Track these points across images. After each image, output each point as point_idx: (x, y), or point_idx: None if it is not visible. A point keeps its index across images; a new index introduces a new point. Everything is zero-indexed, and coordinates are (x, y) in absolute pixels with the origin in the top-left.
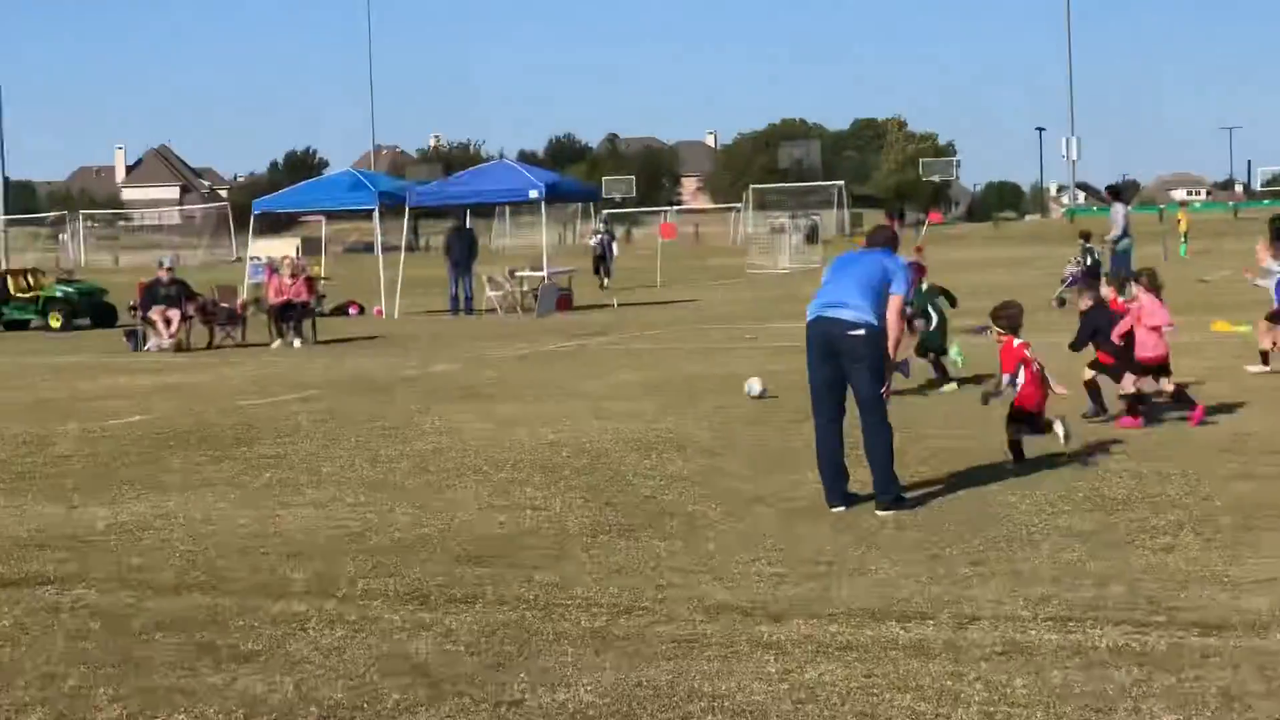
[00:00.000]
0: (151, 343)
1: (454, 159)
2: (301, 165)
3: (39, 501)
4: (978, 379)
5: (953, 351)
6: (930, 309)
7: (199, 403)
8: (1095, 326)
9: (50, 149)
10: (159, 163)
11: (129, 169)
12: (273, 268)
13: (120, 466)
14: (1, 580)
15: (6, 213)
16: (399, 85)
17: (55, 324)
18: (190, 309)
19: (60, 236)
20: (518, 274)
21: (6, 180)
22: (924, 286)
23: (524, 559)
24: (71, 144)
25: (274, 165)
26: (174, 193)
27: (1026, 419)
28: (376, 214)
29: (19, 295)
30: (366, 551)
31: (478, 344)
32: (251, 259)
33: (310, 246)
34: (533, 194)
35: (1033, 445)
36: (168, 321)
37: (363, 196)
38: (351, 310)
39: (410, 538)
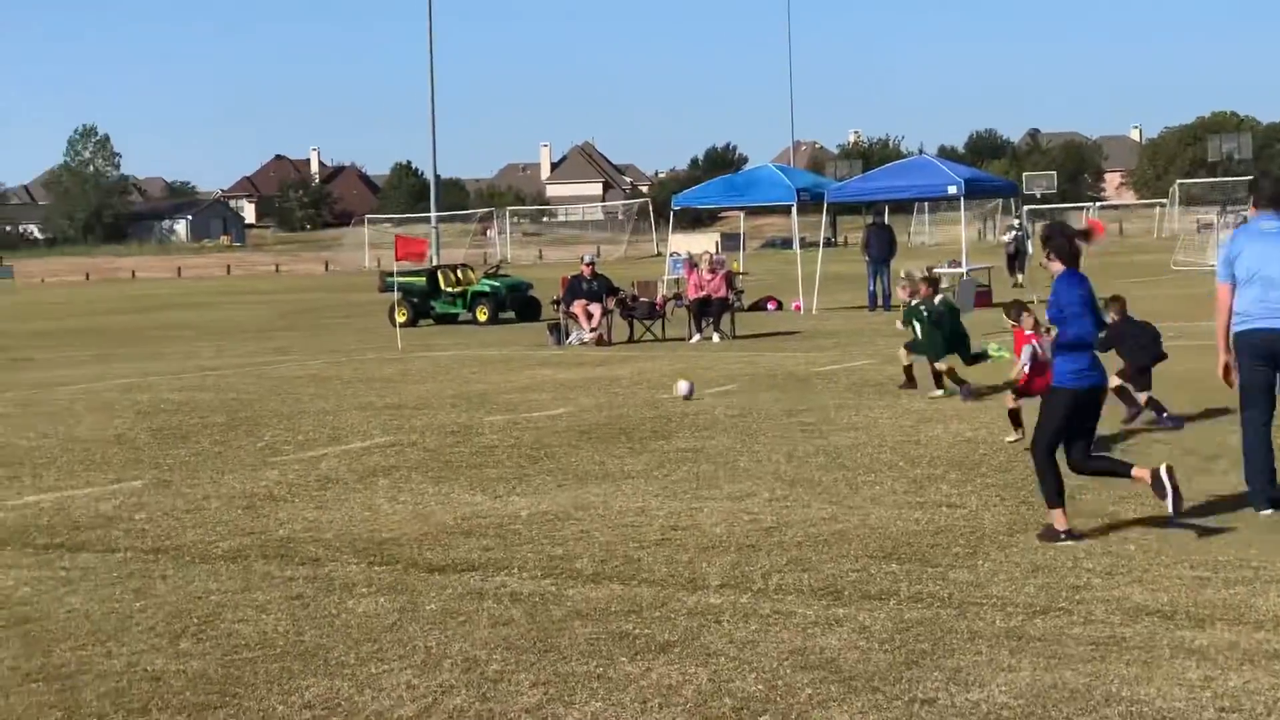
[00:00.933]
0: (573, 336)
1: (873, 154)
2: (721, 161)
3: (466, 490)
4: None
5: (991, 349)
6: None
7: (618, 396)
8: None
9: (479, 148)
10: (582, 160)
11: (553, 166)
12: (692, 263)
13: (542, 457)
14: (430, 565)
15: (438, 209)
16: (818, 80)
17: (482, 318)
18: (611, 303)
19: (488, 232)
20: (936, 270)
21: (438, 179)
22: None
23: (938, 556)
24: (499, 142)
25: (694, 161)
26: (596, 189)
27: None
28: (795, 209)
29: (449, 290)
30: (781, 546)
31: (896, 340)
32: (671, 254)
33: (729, 242)
34: (951, 189)
35: None
36: (589, 316)
37: (781, 192)
38: (769, 305)
39: (825, 533)
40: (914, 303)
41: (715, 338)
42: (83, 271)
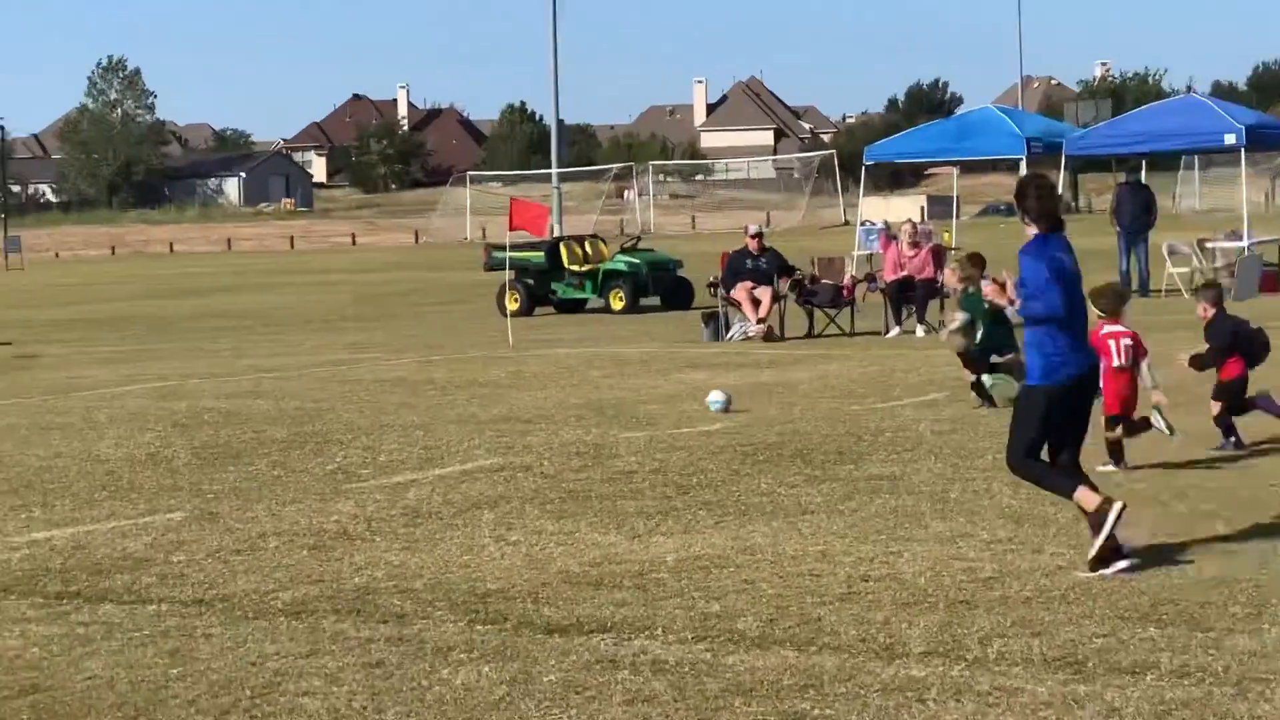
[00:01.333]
0: (736, 328)
1: (1126, 93)
2: (928, 102)
3: (595, 528)
4: None
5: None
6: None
7: (793, 407)
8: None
9: (615, 85)
10: (747, 100)
11: (710, 108)
12: (890, 235)
13: (695, 485)
14: (548, 625)
15: (560, 165)
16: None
17: (617, 304)
18: (784, 286)
19: (625, 194)
20: (1209, 244)
21: (561, 124)
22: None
23: (1211, 618)
24: (641, 78)
25: (892, 102)
26: (766, 138)
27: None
28: (1024, 164)
29: (574, 269)
30: (1004, 602)
31: (1152, 336)
32: (863, 223)
33: (937, 207)
34: (1229, 138)
35: None
36: (756, 302)
37: (1007, 142)
38: (988, 290)
39: (1061, 586)
40: (971, 290)
41: (919, 331)
42: (106, 244)
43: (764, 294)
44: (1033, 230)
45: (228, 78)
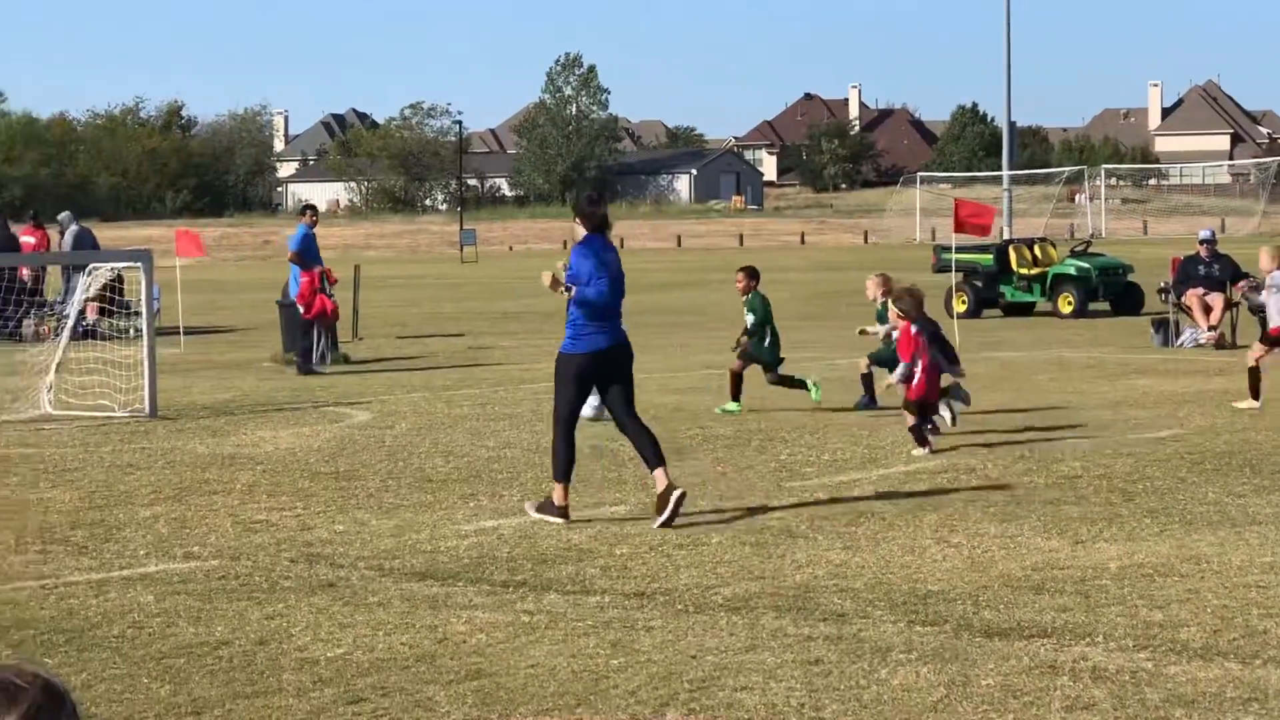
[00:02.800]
0: (1187, 335)
1: None
2: None
3: (1037, 532)
4: None
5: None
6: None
7: (1243, 416)
8: None
9: (1068, 87)
10: (1202, 104)
11: (1165, 112)
12: None
13: (1139, 493)
14: (988, 628)
15: (1011, 167)
16: None
17: (1065, 308)
18: (1237, 293)
19: (1076, 198)
20: None
21: (1012, 126)
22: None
23: None
24: (1095, 81)
25: None
26: (1221, 142)
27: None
28: None
29: (1022, 272)
30: None
31: None
32: None
33: None
34: None
35: None
36: (1207, 310)
37: None
38: None
39: None
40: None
41: None
42: (558, 238)
43: (1215, 301)
44: (582, 231)
45: (680, 75)
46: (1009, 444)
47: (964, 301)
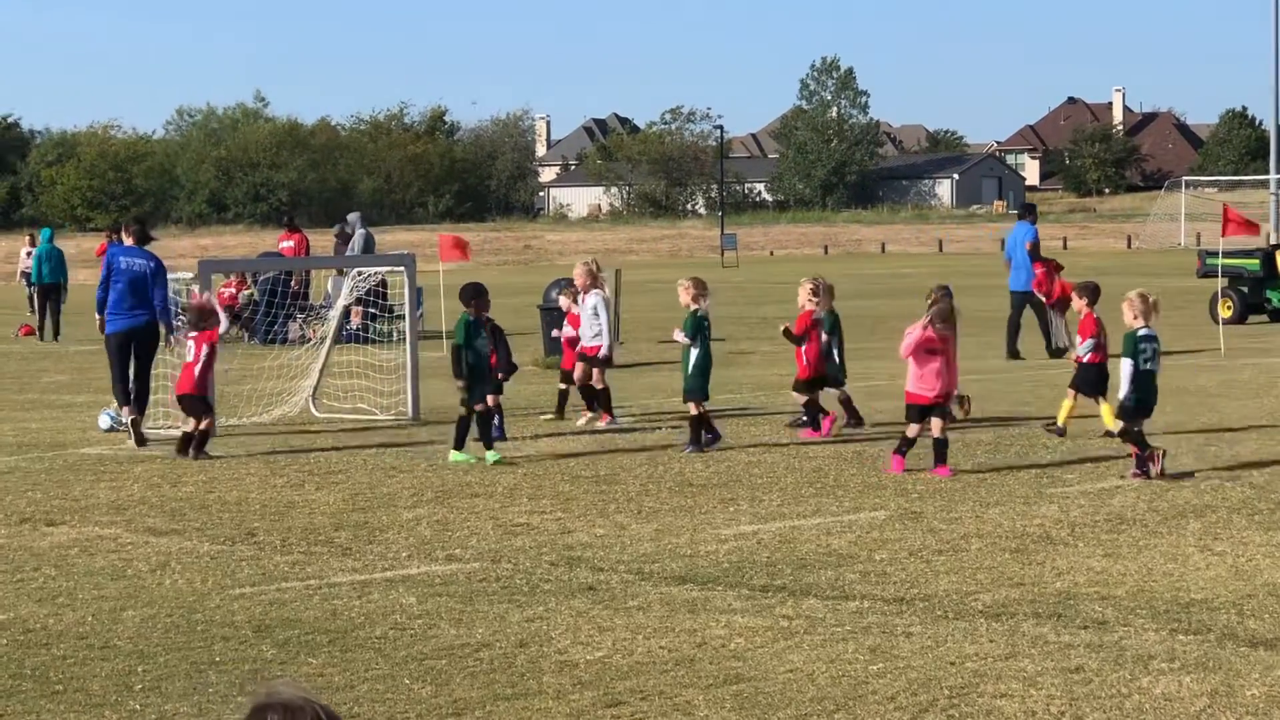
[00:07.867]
0: None
1: None
2: None
3: None
4: None
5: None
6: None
7: None
8: None
9: None
10: None
11: None
12: None
13: None
14: (1252, 638)
15: (1279, 171)
16: None
17: None
18: None
19: None
20: None
21: None
22: None
23: None
24: None
25: None
26: None
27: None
28: None
29: None
30: None
31: None
32: None
33: None
34: None
35: None
36: None
37: None
38: None
39: None
40: (697, 310)
41: None
42: (819, 242)
43: None
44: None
45: (941, 79)
46: (1276, 452)
47: (1229, 307)
